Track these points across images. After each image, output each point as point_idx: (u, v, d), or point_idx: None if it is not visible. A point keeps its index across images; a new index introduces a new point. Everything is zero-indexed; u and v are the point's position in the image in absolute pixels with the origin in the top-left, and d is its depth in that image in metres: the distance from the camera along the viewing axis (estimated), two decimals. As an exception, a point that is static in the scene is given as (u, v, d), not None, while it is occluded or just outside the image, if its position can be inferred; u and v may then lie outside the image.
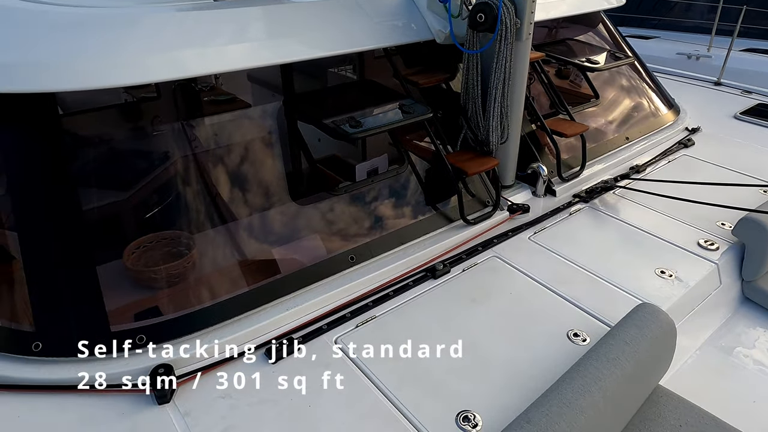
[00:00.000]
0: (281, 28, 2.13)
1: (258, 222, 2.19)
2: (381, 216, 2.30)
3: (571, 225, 2.53)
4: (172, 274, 2.00)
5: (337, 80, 2.87)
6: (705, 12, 7.08)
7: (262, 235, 2.16)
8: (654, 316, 1.73)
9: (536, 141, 2.82)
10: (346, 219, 2.24)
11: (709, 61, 5.80)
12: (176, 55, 1.86)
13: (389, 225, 2.26)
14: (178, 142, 2.24)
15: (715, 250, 2.34)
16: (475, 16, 2.21)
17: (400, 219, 2.31)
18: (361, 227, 2.23)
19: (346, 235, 2.18)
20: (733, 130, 3.63)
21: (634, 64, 3.68)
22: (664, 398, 1.76)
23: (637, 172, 2.98)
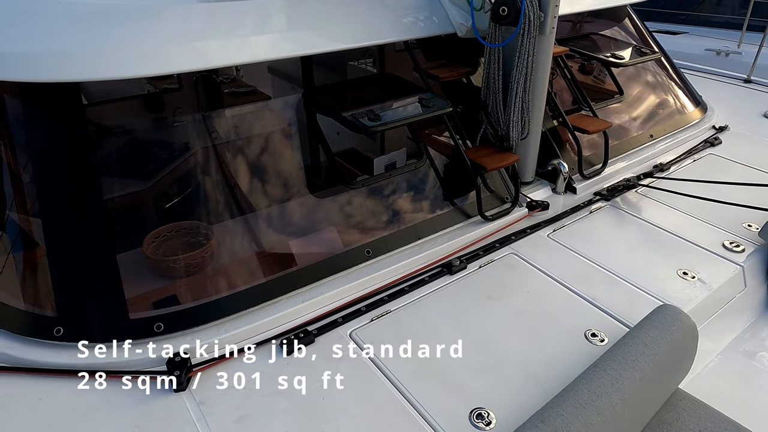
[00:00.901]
0: (302, 20, 2.12)
1: (275, 214, 2.20)
2: (398, 210, 2.29)
3: (592, 223, 2.49)
4: (191, 263, 2.03)
5: (358, 73, 2.86)
6: (736, 7, 6.88)
7: (279, 227, 2.17)
8: (675, 318, 1.69)
9: (557, 137, 2.78)
10: (363, 213, 2.24)
11: (739, 58, 5.63)
12: (198, 47, 1.87)
13: (406, 219, 2.25)
14: (198, 133, 2.26)
15: (740, 252, 2.28)
16: (498, 10, 2.18)
17: (417, 214, 2.29)
18: (378, 221, 2.22)
19: (362, 228, 2.18)
20: (762, 129, 3.52)
21: (660, 59, 3.60)
22: (683, 402, 1.72)
23: (660, 171, 2.92)
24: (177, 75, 2.25)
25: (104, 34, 1.79)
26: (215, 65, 1.93)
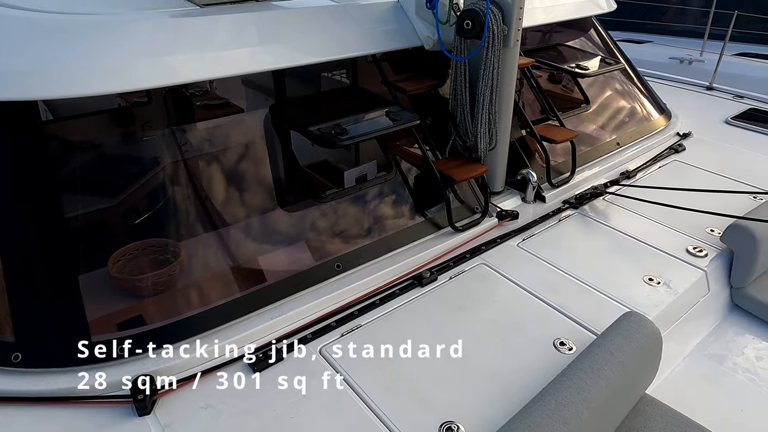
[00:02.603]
0: (271, 35, 2.12)
1: (245, 229, 2.17)
2: (368, 223, 2.29)
3: (561, 231, 2.52)
4: (158, 282, 1.99)
5: (330, 85, 2.86)
6: (698, 16, 7.11)
7: (248, 243, 2.14)
8: (640, 325, 1.72)
9: (526, 147, 2.82)
10: (334, 226, 2.23)
11: (701, 66, 5.82)
12: (167, 61, 1.85)
13: (377, 232, 2.25)
14: (167, 148, 2.22)
15: (703, 257, 2.34)
16: (462, 23, 2.21)
17: (388, 226, 2.30)
18: (349, 234, 2.22)
19: (333, 242, 2.17)
20: (724, 135, 3.63)
21: (625, 69, 3.69)
22: (650, 407, 1.75)
23: (627, 178, 2.98)
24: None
25: (68, 50, 1.76)
26: (184, 81, 1.91)
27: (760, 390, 1.92)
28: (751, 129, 3.72)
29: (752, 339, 2.18)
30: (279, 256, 2.09)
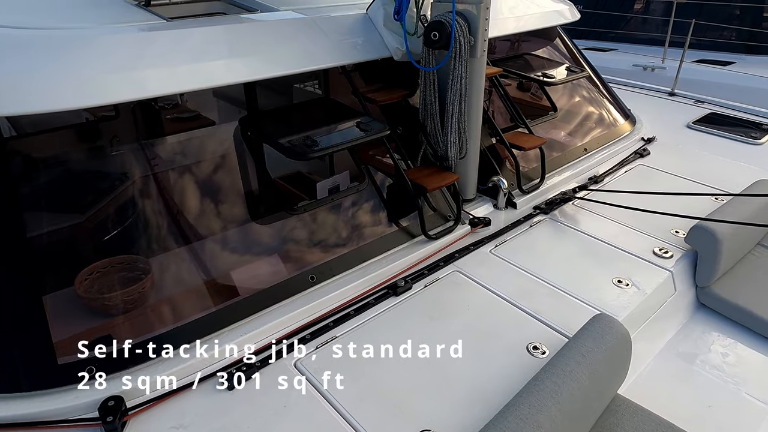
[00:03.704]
0: (240, 47, 2.12)
1: (216, 244, 2.15)
2: (342, 234, 2.29)
3: (532, 237, 2.56)
4: (127, 300, 1.95)
5: (302, 97, 2.87)
6: (659, 25, 7.36)
7: (220, 257, 2.12)
8: (609, 327, 1.75)
9: (496, 154, 2.86)
10: (307, 238, 2.22)
11: (663, 72, 6.02)
12: (135, 76, 1.83)
13: (350, 243, 2.25)
14: (136, 162, 2.19)
15: (669, 258, 2.40)
16: (429, 35, 2.24)
17: (362, 236, 2.30)
18: (322, 246, 2.21)
19: (306, 254, 2.16)
20: (686, 139, 3.76)
21: (590, 76, 3.79)
22: (622, 407, 1.78)
23: (595, 183, 3.05)
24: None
25: (33, 66, 1.72)
26: (153, 94, 1.89)
27: (726, 386, 1.98)
28: (711, 133, 3.85)
29: (718, 336, 2.24)
30: (252, 270, 2.07)
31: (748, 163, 3.36)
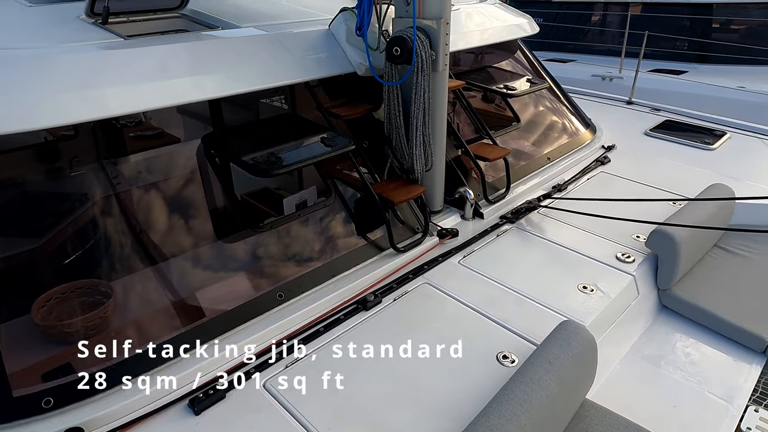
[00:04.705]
0: (202, 65, 2.10)
1: (181, 264, 2.10)
2: (310, 250, 2.27)
3: (499, 246, 2.60)
4: (88, 326, 1.88)
5: (267, 113, 2.85)
6: (616, 36, 7.63)
7: (185, 279, 2.08)
8: (575, 333, 1.79)
9: (462, 166, 2.90)
10: (274, 255, 2.20)
11: (621, 82, 6.24)
12: (93, 96, 1.79)
13: (319, 258, 2.24)
14: (97, 182, 2.13)
15: (631, 263, 2.47)
16: (391, 50, 2.27)
17: (330, 251, 2.29)
18: (290, 263, 2.19)
19: (273, 271, 2.14)
20: (644, 146, 3.88)
21: (551, 87, 3.89)
22: (591, 412, 1.81)
23: (559, 191, 3.12)
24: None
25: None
26: (113, 114, 1.85)
27: (689, 386, 2.04)
28: (667, 139, 3.99)
29: (680, 337, 2.31)
30: (218, 290, 2.03)
31: (703, 167, 3.50)
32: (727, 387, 2.03)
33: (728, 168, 3.48)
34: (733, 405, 1.95)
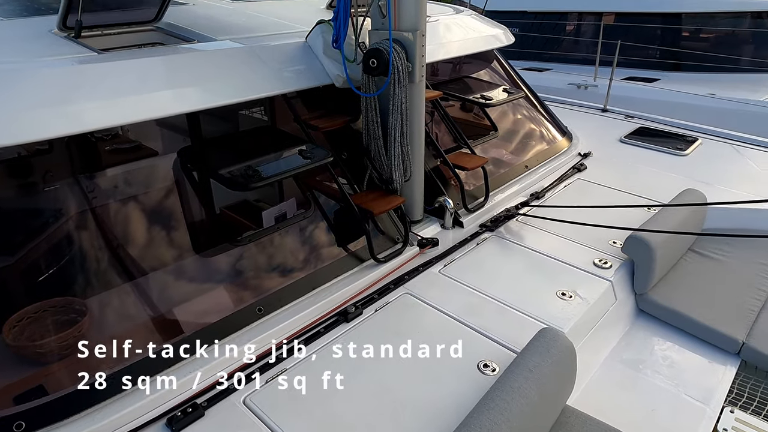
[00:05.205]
0: (178, 78, 2.08)
1: (159, 280, 2.07)
2: (290, 262, 2.26)
3: (479, 255, 2.62)
4: (62, 345, 1.84)
5: (246, 126, 2.84)
6: (590, 45, 7.79)
7: (162, 294, 2.04)
8: (554, 341, 1.80)
9: (441, 175, 2.92)
10: (253, 268, 2.18)
11: (596, 90, 6.36)
12: (68, 110, 1.77)
13: (299, 271, 2.23)
14: (71, 198, 2.09)
15: (608, 269, 2.50)
16: (368, 62, 2.28)
17: (310, 264, 2.28)
18: (269, 276, 2.17)
19: (253, 285, 2.12)
20: (619, 152, 3.96)
21: (528, 96, 3.95)
22: (572, 418, 1.82)
23: (537, 199, 3.16)
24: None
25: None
26: (89, 128, 1.82)
27: (667, 389, 2.07)
28: (641, 146, 4.08)
29: (658, 341, 2.34)
30: (196, 306, 2.00)
31: (676, 173, 3.58)
32: (704, 389, 2.07)
33: (700, 173, 3.57)
34: (710, 407, 1.99)
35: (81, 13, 2.31)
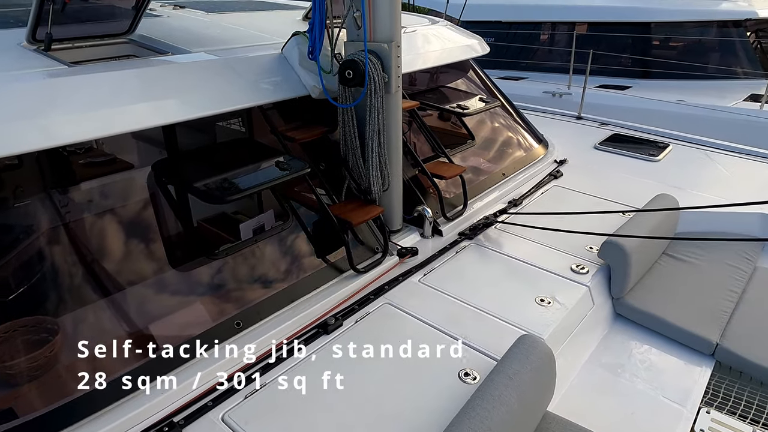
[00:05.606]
0: (152, 91, 2.06)
1: (133, 296, 2.03)
2: (268, 275, 2.24)
3: (459, 263, 2.63)
4: (33, 366, 1.79)
5: (227, 135, 2.81)
6: (564, 54, 7.95)
7: (137, 311, 2.00)
8: (534, 347, 1.81)
9: (420, 184, 2.93)
10: (231, 282, 2.15)
11: (570, 98, 6.49)
12: (40, 124, 1.73)
13: (277, 284, 2.21)
14: (43, 214, 2.04)
15: (586, 274, 2.54)
16: (344, 73, 2.29)
17: (289, 276, 2.26)
18: (247, 289, 2.15)
19: (231, 299, 2.09)
20: (594, 159, 4.04)
21: (503, 105, 4.00)
22: (553, 424, 1.83)
23: (514, 206, 3.19)
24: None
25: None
26: (62, 143, 1.79)
27: (646, 392, 2.10)
28: (615, 152, 4.16)
29: (635, 344, 2.38)
30: (172, 322, 1.97)
31: (649, 178, 3.65)
32: (681, 391, 2.10)
33: (672, 178, 3.65)
34: (687, 408, 2.02)
35: (51, 25, 2.28)
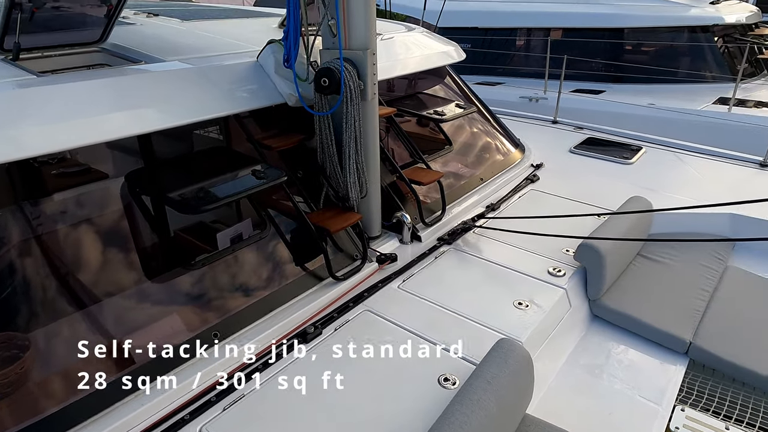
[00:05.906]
0: (125, 100, 2.03)
1: (108, 309, 1.99)
2: (246, 284, 2.22)
3: (438, 268, 2.64)
4: (2, 383, 1.74)
5: (205, 144, 2.79)
6: (539, 60, 8.07)
7: (112, 324, 1.96)
8: (511, 351, 1.83)
9: (398, 191, 2.94)
10: (208, 292, 2.13)
11: (546, 103, 6.59)
12: (9, 135, 1.70)
13: (255, 293, 2.19)
14: (11, 227, 1.99)
15: (562, 276, 2.57)
16: (319, 81, 2.29)
17: (267, 285, 2.24)
18: (225, 299, 2.13)
19: (208, 310, 2.07)
20: (570, 162, 4.10)
21: (481, 110, 4.05)
22: (532, 427, 1.85)
23: (492, 210, 3.22)
24: None
25: None
26: (32, 154, 1.76)
27: (622, 391, 2.13)
28: (590, 156, 4.24)
29: (612, 345, 2.42)
30: (148, 334, 1.93)
31: (623, 181, 3.73)
32: (656, 389, 2.14)
33: (645, 180, 3.73)
34: (662, 406, 2.06)
35: (19, 35, 2.23)
